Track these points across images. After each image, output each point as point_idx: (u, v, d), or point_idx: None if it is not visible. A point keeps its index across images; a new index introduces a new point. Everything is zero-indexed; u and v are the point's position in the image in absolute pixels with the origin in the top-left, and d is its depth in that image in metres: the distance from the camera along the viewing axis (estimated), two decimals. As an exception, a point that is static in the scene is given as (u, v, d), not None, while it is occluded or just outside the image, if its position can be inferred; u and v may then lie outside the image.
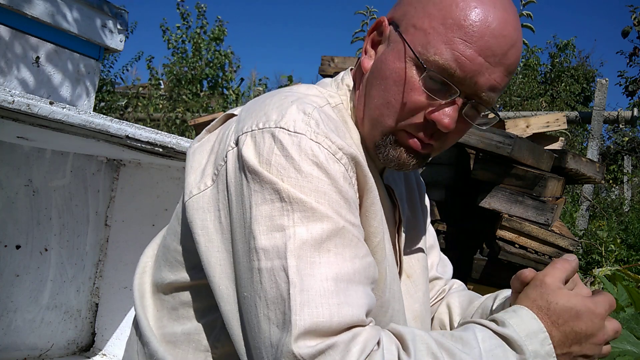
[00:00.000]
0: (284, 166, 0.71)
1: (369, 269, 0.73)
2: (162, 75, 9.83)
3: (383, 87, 0.83)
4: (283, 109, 0.76)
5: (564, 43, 11.14)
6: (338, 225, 0.70)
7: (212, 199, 0.77)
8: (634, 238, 4.80)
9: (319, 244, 0.68)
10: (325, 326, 0.64)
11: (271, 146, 0.72)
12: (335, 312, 0.65)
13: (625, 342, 1.13)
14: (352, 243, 0.71)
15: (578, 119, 6.06)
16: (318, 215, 0.69)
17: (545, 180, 2.27)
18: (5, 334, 1.85)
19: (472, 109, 0.84)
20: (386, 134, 0.84)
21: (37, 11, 2.38)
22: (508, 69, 0.81)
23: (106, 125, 1.40)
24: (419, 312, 0.97)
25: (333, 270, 0.67)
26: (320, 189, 0.71)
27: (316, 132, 0.73)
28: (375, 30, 0.88)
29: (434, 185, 2.51)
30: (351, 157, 0.76)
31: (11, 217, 1.85)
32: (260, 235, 0.69)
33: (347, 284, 0.68)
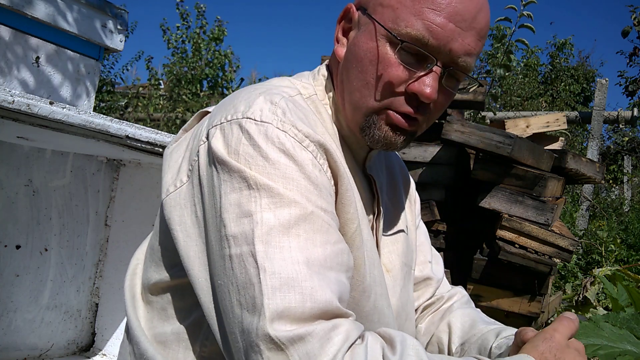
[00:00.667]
0: (252, 155, 0.71)
1: (341, 255, 0.72)
2: (162, 75, 9.83)
3: (359, 69, 0.83)
4: (250, 100, 0.77)
5: (561, 42, 11.14)
6: (307, 210, 0.70)
7: (187, 195, 0.78)
8: (634, 238, 4.80)
9: (287, 229, 0.68)
10: (298, 311, 0.64)
11: (239, 136, 0.73)
12: (307, 295, 0.64)
13: (625, 342, 1.13)
14: (323, 229, 0.71)
15: (578, 119, 6.06)
16: (286, 201, 0.69)
17: (545, 180, 2.27)
18: (5, 334, 1.85)
19: (451, 79, 0.84)
20: (369, 114, 0.84)
21: (37, 11, 2.38)
22: (479, 33, 0.82)
23: (106, 125, 1.40)
24: (396, 307, 0.96)
25: (304, 255, 0.67)
26: (288, 175, 0.71)
27: (282, 121, 0.74)
28: (344, 18, 0.90)
29: (434, 185, 2.51)
30: (319, 144, 0.76)
31: (11, 217, 1.85)
32: (229, 223, 0.69)
33: (319, 268, 0.68)
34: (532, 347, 0.76)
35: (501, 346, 0.92)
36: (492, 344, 0.94)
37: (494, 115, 5.67)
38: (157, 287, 0.85)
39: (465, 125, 2.29)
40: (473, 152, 2.61)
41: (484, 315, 1.07)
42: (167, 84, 9.66)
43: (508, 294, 2.29)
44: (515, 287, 2.28)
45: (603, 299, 3.08)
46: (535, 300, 2.27)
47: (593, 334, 1.13)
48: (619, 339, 1.12)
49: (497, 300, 2.30)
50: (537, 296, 2.27)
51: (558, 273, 3.95)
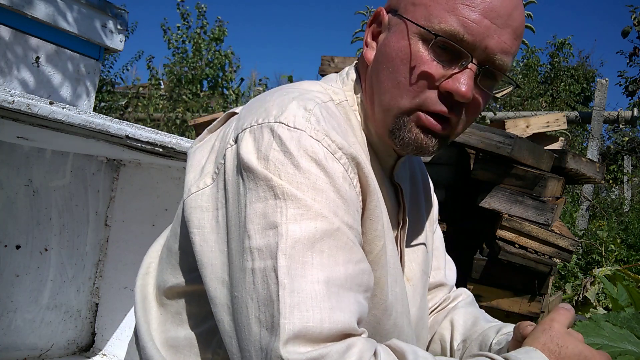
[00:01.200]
0: (282, 161, 0.68)
1: (362, 275, 0.70)
2: (162, 75, 9.84)
3: (390, 69, 0.80)
4: (283, 104, 0.74)
5: (560, 42, 11.14)
6: (333, 225, 0.68)
7: (211, 198, 0.76)
8: (634, 238, 4.80)
9: (312, 243, 0.66)
10: (316, 332, 0.62)
11: (270, 141, 0.70)
12: (326, 316, 0.63)
13: (626, 341, 1.13)
14: (347, 246, 0.69)
15: (578, 119, 6.06)
16: (312, 214, 0.67)
17: (545, 180, 2.27)
18: (5, 334, 1.85)
19: (486, 79, 0.81)
20: (399, 115, 0.80)
21: (37, 11, 2.38)
22: (516, 31, 0.79)
23: (106, 125, 1.40)
24: (415, 317, 0.95)
25: (325, 273, 0.65)
26: (318, 186, 0.69)
27: (316, 130, 0.71)
28: (374, 22, 0.87)
29: (434, 185, 2.51)
30: (351, 157, 0.73)
31: (11, 217, 1.85)
32: (254, 235, 0.67)
33: (339, 288, 0.65)
34: (533, 339, 0.75)
35: (501, 342, 0.92)
36: (492, 340, 0.94)
37: (494, 115, 5.67)
38: (173, 291, 0.84)
39: (465, 125, 2.29)
40: (473, 152, 2.61)
41: (486, 315, 1.07)
42: (168, 84, 9.66)
43: (508, 294, 2.29)
44: (515, 287, 2.28)
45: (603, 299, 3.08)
46: (535, 300, 2.27)
47: (593, 333, 1.13)
48: (620, 339, 1.12)
49: (497, 300, 2.30)
50: (537, 296, 2.27)
51: (558, 273, 3.96)
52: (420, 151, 0.82)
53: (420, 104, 0.79)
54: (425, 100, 0.79)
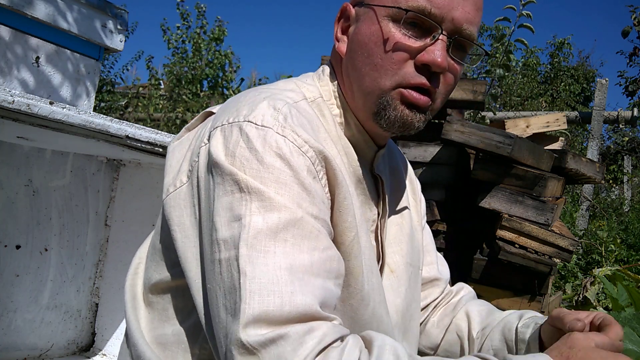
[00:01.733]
0: (247, 158, 0.71)
1: (330, 262, 0.71)
2: (162, 75, 9.83)
3: (366, 54, 0.84)
4: (254, 104, 0.77)
5: (560, 41, 11.14)
6: (296, 215, 0.69)
7: (187, 195, 0.78)
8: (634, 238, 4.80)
9: (274, 233, 0.67)
10: (276, 315, 0.63)
11: (237, 139, 0.73)
12: (287, 300, 0.63)
13: (627, 340, 1.13)
14: (312, 235, 0.70)
15: (578, 119, 6.06)
16: (276, 205, 0.69)
17: (545, 180, 2.27)
18: (5, 334, 1.85)
19: (457, 50, 0.85)
20: (382, 95, 0.83)
21: (37, 11, 2.38)
22: (476, 3, 0.84)
23: (106, 125, 1.40)
24: (401, 307, 0.95)
25: (288, 260, 0.66)
26: (281, 180, 0.71)
27: (283, 126, 0.74)
28: (342, 17, 0.91)
29: (434, 185, 2.51)
30: (318, 151, 0.75)
31: (11, 217, 1.85)
32: (220, 227, 0.69)
33: (303, 274, 0.67)
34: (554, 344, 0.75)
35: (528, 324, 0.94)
36: (518, 324, 0.96)
37: (494, 115, 5.67)
38: (158, 287, 0.85)
39: (465, 125, 2.29)
40: (473, 152, 2.61)
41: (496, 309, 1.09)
42: (167, 84, 9.66)
43: (508, 294, 2.29)
44: (515, 287, 2.28)
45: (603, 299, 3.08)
46: (535, 300, 2.27)
47: (593, 333, 1.13)
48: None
49: (497, 300, 2.30)
50: (537, 296, 2.27)
51: (558, 273, 3.96)
52: (406, 127, 0.85)
53: (400, 80, 0.83)
54: (404, 75, 0.82)
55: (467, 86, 2.49)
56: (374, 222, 0.93)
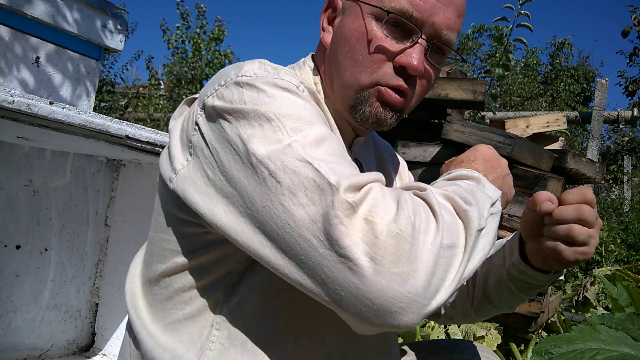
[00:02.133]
0: (256, 98, 0.71)
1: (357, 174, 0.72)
2: (162, 75, 9.83)
3: (348, 49, 0.86)
4: (239, 66, 0.78)
5: (560, 41, 11.15)
6: (327, 130, 0.73)
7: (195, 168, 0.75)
8: (634, 238, 4.80)
9: (318, 142, 0.70)
10: (360, 181, 0.66)
11: (239, 90, 0.73)
12: (357, 175, 0.67)
13: (622, 344, 1.12)
14: (342, 149, 0.74)
15: (578, 119, 6.06)
16: (308, 122, 0.71)
17: (545, 180, 2.27)
18: (5, 334, 1.85)
19: (435, 54, 0.87)
20: (360, 90, 0.86)
21: (37, 11, 2.38)
22: (458, 9, 0.86)
23: (106, 125, 1.40)
24: None
25: (335, 158, 0.69)
26: (298, 104, 0.73)
27: (274, 75, 0.76)
28: (329, 7, 0.93)
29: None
30: (311, 90, 0.79)
31: (11, 217, 1.85)
32: (260, 149, 0.68)
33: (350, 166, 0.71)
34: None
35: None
36: (505, 250, 1.01)
37: (494, 115, 5.67)
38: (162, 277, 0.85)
39: (465, 125, 2.29)
40: (473, 152, 2.61)
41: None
42: (167, 84, 9.66)
43: (508, 294, 2.29)
44: (515, 287, 2.28)
45: (603, 299, 3.08)
46: (535, 300, 2.27)
47: (590, 337, 1.13)
48: (616, 342, 1.12)
49: (497, 300, 2.30)
50: (537, 296, 2.27)
51: (558, 273, 3.95)
52: (379, 124, 0.87)
53: (378, 79, 0.85)
54: (383, 75, 0.85)
55: (467, 86, 2.49)
56: None
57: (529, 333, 2.33)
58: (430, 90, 0.93)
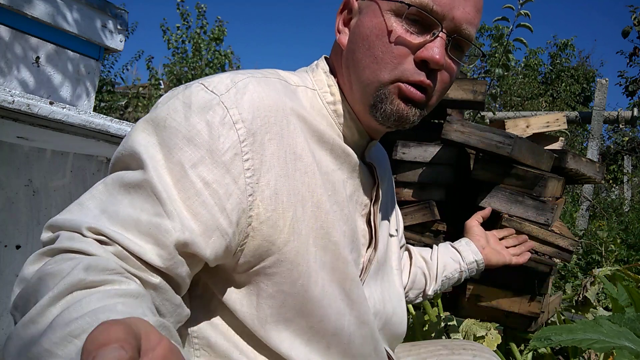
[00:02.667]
0: (177, 109, 0.73)
1: (157, 229, 0.67)
2: (162, 75, 9.84)
3: (367, 46, 0.84)
4: (217, 75, 0.79)
5: (564, 42, 11.15)
6: (150, 179, 0.68)
7: None
8: (634, 238, 4.80)
9: (126, 184, 0.70)
10: (58, 224, 0.69)
11: (180, 93, 0.75)
12: (69, 217, 0.69)
13: (623, 338, 1.13)
14: (153, 200, 0.68)
15: (578, 119, 6.06)
16: (149, 164, 0.69)
17: (545, 180, 2.27)
18: (6, 334, 1.85)
19: (455, 49, 0.87)
20: (380, 87, 0.84)
21: (37, 11, 2.38)
22: (477, 4, 0.85)
23: (106, 125, 1.40)
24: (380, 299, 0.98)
25: (107, 205, 0.69)
26: (194, 140, 0.71)
27: (230, 99, 0.74)
28: (344, 9, 0.92)
29: (434, 185, 2.51)
30: (251, 133, 0.74)
31: (11, 217, 1.85)
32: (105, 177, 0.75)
33: (110, 218, 0.67)
34: None
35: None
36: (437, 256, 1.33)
37: (494, 115, 5.67)
38: None
39: (465, 125, 2.30)
40: (473, 152, 2.61)
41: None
42: (168, 84, 9.66)
43: (508, 294, 2.29)
44: (515, 287, 2.28)
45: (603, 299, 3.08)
46: (535, 300, 2.27)
47: (592, 330, 1.14)
48: (617, 336, 1.12)
49: (497, 300, 2.30)
50: (537, 296, 2.27)
51: (558, 273, 3.96)
52: (402, 122, 0.86)
53: (399, 75, 0.83)
54: (404, 71, 0.83)
55: (467, 86, 2.49)
56: (366, 207, 0.95)
57: (529, 333, 2.33)
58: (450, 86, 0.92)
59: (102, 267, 0.60)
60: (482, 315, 2.30)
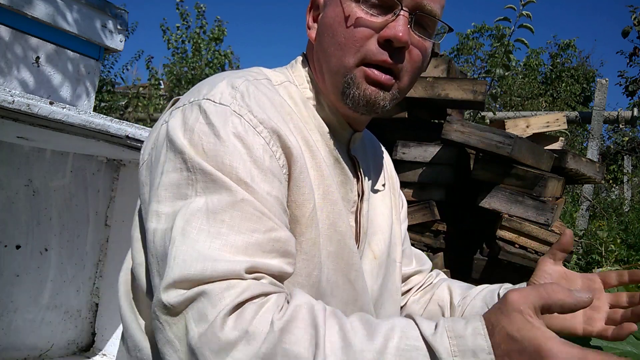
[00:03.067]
0: (206, 132, 0.73)
1: (273, 243, 0.71)
2: (162, 75, 9.84)
3: (331, 35, 0.86)
4: (214, 84, 0.80)
5: (565, 43, 11.14)
6: (237, 197, 0.70)
7: (146, 172, 0.84)
8: (634, 238, 4.79)
9: (213, 214, 0.69)
10: (197, 276, 0.64)
11: (197, 116, 0.75)
12: (209, 266, 0.64)
13: (625, 342, 1.12)
14: (254, 217, 0.70)
15: (578, 119, 6.06)
16: (219, 187, 0.70)
17: (545, 180, 2.27)
18: (5, 334, 1.85)
19: (419, 26, 0.86)
20: (346, 73, 0.85)
21: (37, 11, 2.38)
22: None
23: (106, 125, 1.40)
24: (376, 293, 0.97)
25: (220, 241, 0.67)
26: (236, 155, 0.73)
27: (240, 105, 0.77)
28: (312, 7, 0.94)
29: (434, 185, 2.51)
30: (272, 130, 0.77)
31: (11, 217, 1.85)
32: (164, 200, 0.72)
33: (236, 251, 0.67)
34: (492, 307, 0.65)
35: (508, 287, 0.98)
36: (500, 290, 1.00)
37: (494, 115, 5.67)
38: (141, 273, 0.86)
39: (465, 125, 2.29)
40: (473, 152, 2.61)
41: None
42: (167, 84, 9.66)
43: (508, 294, 2.29)
44: (515, 287, 2.28)
45: (603, 299, 3.07)
46: (535, 300, 2.27)
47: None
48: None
49: (497, 300, 2.30)
50: (537, 296, 2.27)
51: (558, 273, 3.95)
52: (372, 106, 0.86)
53: (362, 57, 0.84)
54: (366, 52, 0.84)
55: (467, 86, 2.49)
56: (354, 204, 0.95)
57: (529, 333, 2.33)
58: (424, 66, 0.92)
59: (312, 310, 0.64)
60: (482, 315, 2.29)
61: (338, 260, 0.87)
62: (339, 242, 0.87)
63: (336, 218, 0.87)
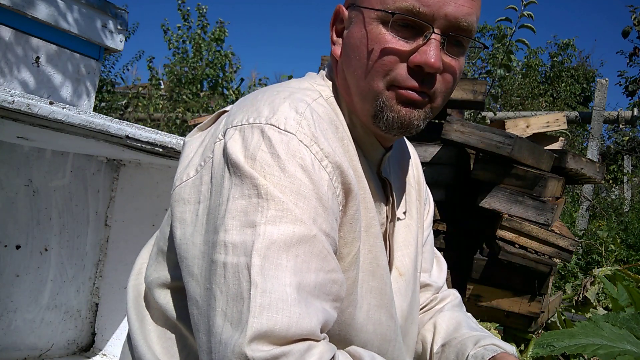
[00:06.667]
0: (269, 163, 0.69)
1: (332, 285, 0.71)
2: (162, 75, 9.84)
3: (358, 57, 0.82)
4: (275, 105, 0.75)
5: (565, 42, 11.13)
6: (310, 232, 0.68)
7: (193, 190, 0.77)
8: (634, 238, 4.79)
9: (287, 246, 0.67)
10: (282, 334, 0.63)
11: (259, 142, 0.71)
12: (294, 321, 0.64)
13: (625, 341, 1.12)
14: (321, 255, 0.69)
15: (578, 119, 6.06)
16: (292, 218, 0.68)
17: (545, 180, 2.27)
18: (5, 334, 1.85)
19: (453, 46, 0.82)
20: (377, 97, 0.81)
21: (37, 12, 2.38)
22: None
23: (106, 125, 1.40)
24: (406, 311, 0.95)
25: (297, 278, 0.66)
26: (302, 192, 0.69)
27: (306, 134, 0.72)
28: (336, 21, 0.89)
29: (434, 185, 2.51)
30: (336, 165, 0.74)
31: (11, 217, 1.85)
32: (232, 229, 0.68)
33: (308, 295, 0.66)
34: None
35: (477, 356, 0.92)
36: (470, 352, 0.93)
37: (494, 115, 5.67)
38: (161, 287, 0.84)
39: (465, 125, 2.29)
40: (473, 152, 2.61)
41: (471, 321, 1.06)
42: (168, 84, 9.66)
43: (508, 294, 2.29)
44: (515, 287, 2.28)
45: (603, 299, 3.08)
46: (535, 301, 2.27)
47: (593, 333, 1.13)
48: (619, 339, 1.12)
49: (497, 300, 2.30)
50: (537, 296, 2.27)
51: (558, 273, 3.95)
52: (406, 127, 0.82)
53: (391, 81, 0.80)
54: (395, 77, 0.80)
55: (467, 86, 2.49)
56: (382, 225, 0.91)
57: (529, 333, 2.33)
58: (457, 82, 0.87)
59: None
60: (482, 315, 2.29)
61: (382, 296, 0.85)
62: (382, 277, 0.85)
63: (378, 252, 0.84)
